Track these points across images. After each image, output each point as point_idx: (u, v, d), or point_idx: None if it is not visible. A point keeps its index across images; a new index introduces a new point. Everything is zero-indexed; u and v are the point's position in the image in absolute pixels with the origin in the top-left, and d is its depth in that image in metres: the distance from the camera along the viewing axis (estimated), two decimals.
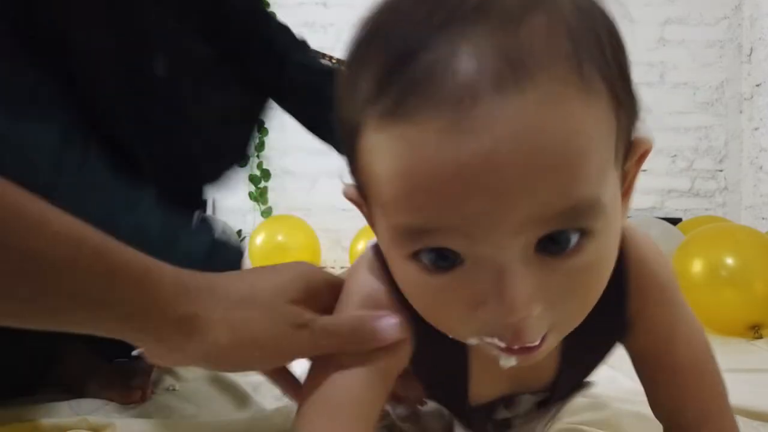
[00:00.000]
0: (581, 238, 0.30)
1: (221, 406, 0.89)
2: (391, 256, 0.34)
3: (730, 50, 2.48)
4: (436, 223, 0.29)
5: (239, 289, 0.39)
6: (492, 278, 0.29)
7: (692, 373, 0.46)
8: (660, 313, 0.44)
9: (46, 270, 0.33)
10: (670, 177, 2.51)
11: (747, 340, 1.28)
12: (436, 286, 0.31)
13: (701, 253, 1.37)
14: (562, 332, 0.34)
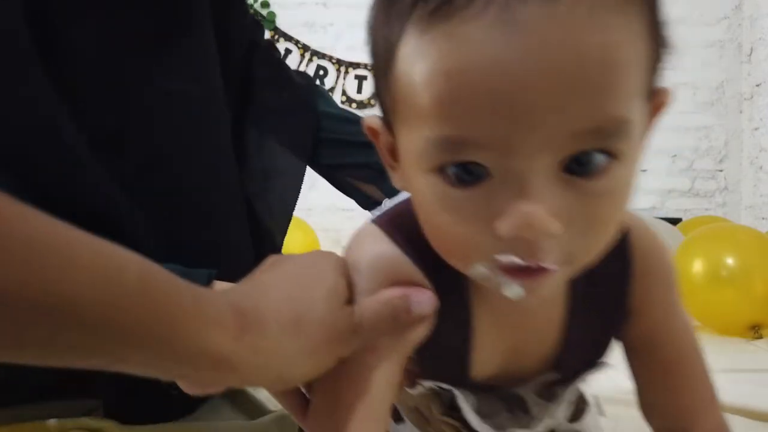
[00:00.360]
0: (608, 160, 0.30)
1: (221, 405, 0.89)
2: (414, 174, 0.33)
3: (730, 50, 2.48)
4: (472, 131, 0.29)
5: (294, 306, 0.35)
6: (515, 193, 0.29)
7: (685, 366, 0.46)
8: (660, 302, 0.45)
9: (75, 313, 0.28)
10: (671, 177, 2.51)
11: (747, 340, 1.28)
12: (457, 200, 0.31)
13: (702, 254, 1.37)
14: (573, 265, 0.34)
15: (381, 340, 0.37)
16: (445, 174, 0.31)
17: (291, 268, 0.38)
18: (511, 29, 0.27)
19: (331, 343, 0.36)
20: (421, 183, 0.33)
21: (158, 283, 0.31)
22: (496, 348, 0.42)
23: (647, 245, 0.43)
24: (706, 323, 1.39)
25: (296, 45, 2.54)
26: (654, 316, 0.44)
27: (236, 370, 0.33)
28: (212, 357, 0.32)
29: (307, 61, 2.54)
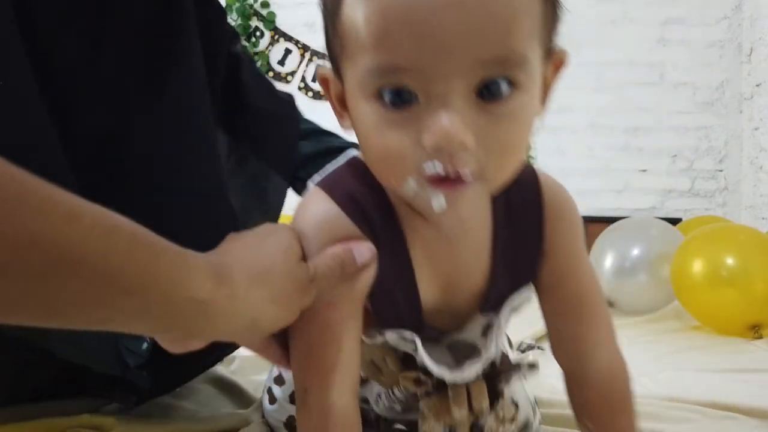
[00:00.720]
0: (511, 89, 0.38)
1: (221, 405, 0.89)
2: (357, 104, 0.41)
3: (730, 50, 2.48)
4: (400, 59, 0.37)
5: (258, 262, 0.42)
6: (437, 111, 0.37)
7: (588, 304, 0.53)
8: (569, 246, 0.52)
9: (80, 263, 0.32)
10: (670, 177, 2.52)
11: (747, 340, 1.28)
12: (392, 121, 0.39)
13: (702, 254, 1.37)
14: (487, 182, 0.41)
15: (336, 294, 0.44)
16: (381, 100, 0.39)
17: (251, 237, 0.45)
18: None
19: (293, 292, 0.42)
20: (364, 110, 0.41)
21: (148, 239, 0.36)
22: (436, 282, 0.49)
23: (557, 196, 0.52)
24: (706, 323, 1.39)
25: (296, 45, 2.54)
26: (564, 258, 0.52)
27: (214, 318, 0.38)
28: (195, 304, 0.37)
29: (307, 60, 2.54)
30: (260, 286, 0.41)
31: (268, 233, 0.45)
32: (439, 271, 0.49)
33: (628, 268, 1.54)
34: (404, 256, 0.48)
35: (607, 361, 0.54)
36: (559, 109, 2.51)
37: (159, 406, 0.88)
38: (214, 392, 0.94)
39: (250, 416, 0.78)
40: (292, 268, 0.43)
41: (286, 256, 0.43)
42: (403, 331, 0.49)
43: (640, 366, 1.10)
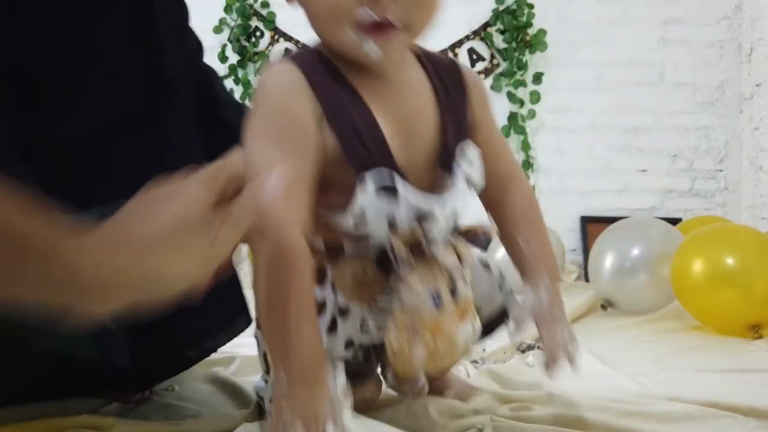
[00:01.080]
0: None
1: (220, 405, 0.89)
2: None
3: (730, 50, 2.48)
4: None
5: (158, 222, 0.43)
6: None
7: (505, 154, 0.73)
8: (487, 119, 0.69)
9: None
10: (670, 177, 2.51)
11: (747, 340, 1.28)
12: None
13: (702, 253, 1.37)
14: (412, 32, 0.54)
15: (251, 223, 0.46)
16: None
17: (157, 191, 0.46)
18: None
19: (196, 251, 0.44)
20: None
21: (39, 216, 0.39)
22: (395, 126, 0.58)
23: (474, 78, 0.68)
24: (706, 323, 1.39)
25: (296, 45, 2.54)
26: (486, 127, 0.69)
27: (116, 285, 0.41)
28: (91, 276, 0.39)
29: None
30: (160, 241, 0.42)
31: (175, 185, 0.46)
32: (395, 115, 0.59)
33: (628, 268, 1.54)
34: (361, 103, 0.57)
35: (522, 191, 0.73)
36: (559, 109, 2.52)
37: (159, 406, 0.89)
38: (214, 392, 0.95)
39: (249, 417, 0.78)
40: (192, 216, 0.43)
41: (187, 207, 0.44)
42: (382, 170, 0.56)
43: (640, 366, 1.10)
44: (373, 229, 0.57)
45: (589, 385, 0.95)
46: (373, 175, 0.56)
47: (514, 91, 2.47)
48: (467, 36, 2.53)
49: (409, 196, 0.57)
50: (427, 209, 0.58)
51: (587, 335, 1.36)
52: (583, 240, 2.47)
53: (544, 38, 2.44)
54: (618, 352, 1.21)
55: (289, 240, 0.52)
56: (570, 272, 2.39)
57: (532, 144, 2.49)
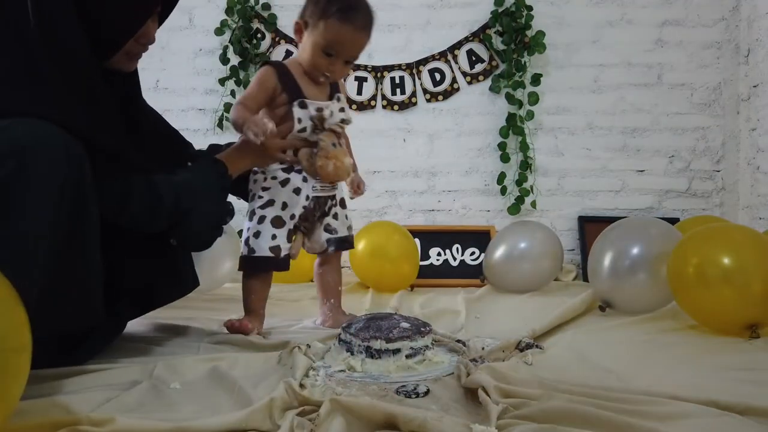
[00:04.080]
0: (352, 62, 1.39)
1: (221, 403, 0.90)
2: (311, 43, 1.32)
3: (727, 51, 2.49)
4: (333, 48, 1.31)
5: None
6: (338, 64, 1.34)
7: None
8: (345, 91, 1.50)
9: None
10: (668, 177, 2.52)
11: (744, 340, 1.28)
12: (324, 57, 1.32)
13: (699, 253, 1.37)
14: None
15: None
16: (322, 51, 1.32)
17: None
18: (353, 24, 1.30)
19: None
20: (315, 49, 1.32)
21: None
22: (309, 90, 1.37)
23: (341, 81, 1.47)
24: (703, 323, 1.40)
25: (297, 47, 2.55)
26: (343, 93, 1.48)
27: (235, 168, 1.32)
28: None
29: None
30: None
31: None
32: (313, 88, 1.37)
33: (628, 267, 1.54)
34: (298, 88, 1.35)
35: (347, 138, 1.47)
36: (557, 110, 2.53)
37: (160, 404, 0.89)
38: (214, 392, 0.95)
39: (251, 416, 0.79)
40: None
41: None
42: (301, 100, 1.33)
43: (637, 365, 1.11)
44: (302, 120, 1.33)
45: (587, 383, 0.96)
46: (297, 101, 1.33)
47: (512, 92, 2.48)
48: (466, 37, 2.54)
49: (312, 104, 1.34)
50: (322, 106, 1.35)
51: (585, 334, 1.37)
52: (581, 240, 2.48)
53: (542, 40, 2.45)
54: (615, 351, 1.22)
55: (244, 103, 1.33)
56: (568, 272, 2.40)
57: (530, 145, 2.50)
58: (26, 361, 0.66)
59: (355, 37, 1.30)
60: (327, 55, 1.30)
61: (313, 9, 1.30)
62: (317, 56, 1.31)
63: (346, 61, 1.33)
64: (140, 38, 1.11)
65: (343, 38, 1.29)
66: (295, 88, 1.34)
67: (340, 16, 1.27)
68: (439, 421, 0.75)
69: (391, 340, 1.08)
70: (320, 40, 1.29)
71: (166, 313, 1.53)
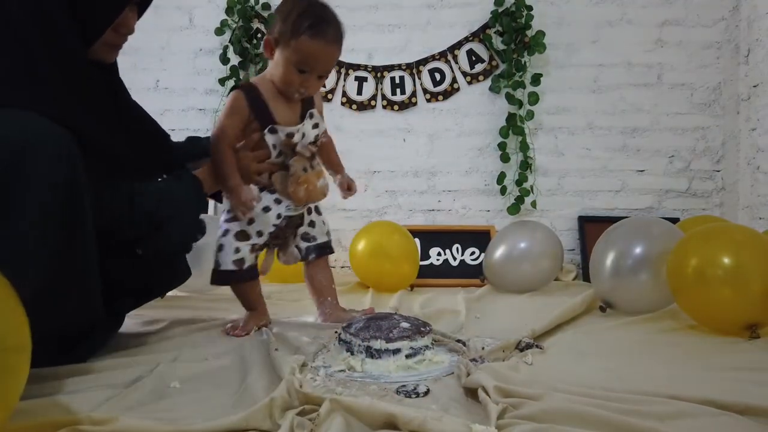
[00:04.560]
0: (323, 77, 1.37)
1: (221, 403, 0.90)
2: (283, 60, 1.30)
3: (727, 51, 2.49)
4: (306, 64, 1.29)
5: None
6: (311, 78, 1.33)
7: (329, 144, 1.50)
8: (321, 108, 1.44)
9: None
10: (668, 177, 2.52)
11: (744, 340, 1.29)
12: (297, 73, 1.30)
13: (698, 253, 1.37)
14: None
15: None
16: (294, 69, 1.30)
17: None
18: (326, 39, 1.30)
19: None
20: (288, 66, 1.30)
21: None
22: (281, 114, 1.35)
23: (317, 95, 1.44)
24: (702, 323, 1.40)
25: None
26: (321, 113, 1.44)
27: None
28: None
29: None
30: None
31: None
32: (285, 109, 1.35)
33: (630, 267, 1.54)
34: (268, 113, 1.33)
35: (330, 141, 1.49)
36: (557, 110, 2.53)
37: (160, 403, 0.89)
38: (214, 391, 0.95)
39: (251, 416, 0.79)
40: None
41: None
42: (271, 126, 1.32)
43: (637, 365, 1.11)
44: (276, 145, 1.34)
45: (587, 382, 0.96)
46: (268, 128, 1.32)
47: (512, 92, 2.48)
48: (466, 37, 2.54)
49: (282, 130, 1.33)
50: (292, 131, 1.34)
51: (585, 334, 1.37)
52: (581, 240, 2.48)
53: (542, 40, 2.45)
54: (615, 351, 1.22)
55: (223, 138, 1.32)
56: (568, 272, 2.40)
57: (530, 145, 2.50)
58: (26, 361, 0.66)
59: (327, 51, 1.29)
60: (300, 71, 1.29)
61: (284, 26, 1.28)
62: (290, 73, 1.29)
63: (320, 76, 1.32)
64: (120, 28, 1.12)
65: (316, 54, 1.27)
66: (265, 112, 1.32)
67: (312, 32, 1.26)
68: (439, 421, 0.76)
69: (391, 340, 1.08)
70: (293, 57, 1.28)
71: (167, 312, 1.53)
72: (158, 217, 1.14)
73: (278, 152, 1.34)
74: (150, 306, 1.37)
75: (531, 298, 1.91)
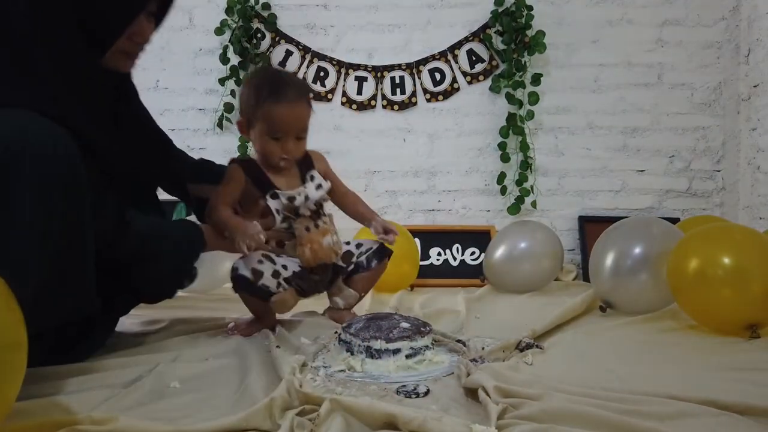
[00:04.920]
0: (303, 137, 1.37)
1: (221, 403, 0.90)
2: (259, 133, 1.34)
3: (727, 51, 2.49)
4: (278, 130, 1.32)
5: None
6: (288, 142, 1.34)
7: (342, 187, 1.49)
8: (327, 166, 1.46)
9: None
10: (668, 177, 2.52)
11: (744, 340, 1.28)
12: (272, 142, 1.34)
13: (699, 253, 1.37)
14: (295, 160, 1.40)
15: None
16: (268, 138, 1.33)
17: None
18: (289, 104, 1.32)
19: None
20: (263, 137, 1.34)
21: None
22: (281, 180, 1.37)
23: (316, 153, 1.46)
24: (703, 323, 1.40)
25: (297, 47, 2.55)
26: (328, 172, 1.45)
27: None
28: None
29: (308, 62, 2.55)
30: None
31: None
32: (284, 179, 1.37)
33: (630, 267, 1.54)
34: (268, 180, 1.35)
35: (351, 194, 1.50)
36: (557, 110, 2.53)
37: (160, 403, 0.89)
38: (214, 391, 0.95)
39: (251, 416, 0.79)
40: None
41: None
42: (272, 191, 1.34)
43: (637, 365, 1.11)
44: (280, 210, 1.34)
45: (587, 382, 0.96)
46: (269, 192, 1.34)
47: (512, 92, 2.48)
48: (466, 37, 2.54)
49: (283, 194, 1.35)
50: (293, 195, 1.35)
51: (585, 334, 1.37)
52: (581, 240, 2.48)
53: (542, 40, 2.45)
54: (615, 351, 1.22)
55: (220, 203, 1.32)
56: (568, 272, 2.40)
57: (530, 144, 2.50)
58: (22, 359, 0.66)
59: (293, 111, 1.31)
60: (275, 138, 1.32)
61: (247, 103, 1.33)
62: (266, 143, 1.32)
63: (297, 137, 1.34)
64: (134, 36, 1.11)
65: (283, 116, 1.30)
66: (263, 179, 1.34)
67: (273, 99, 1.30)
68: (439, 422, 0.75)
69: (391, 340, 1.08)
70: (264, 127, 1.31)
71: (167, 312, 1.53)
72: (142, 251, 1.12)
73: (282, 218, 1.34)
74: (150, 306, 1.37)
75: (531, 298, 1.91)
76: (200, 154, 2.28)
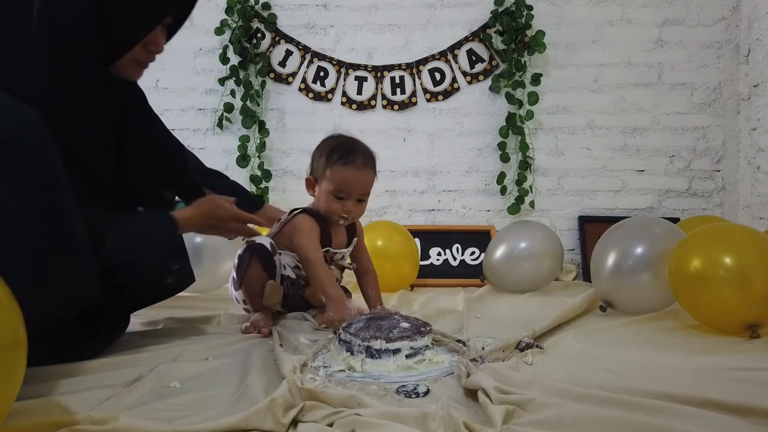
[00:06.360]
0: (365, 197, 1.52)
1: (221, 403, 0.90)
2: (324, 190, 1.48)
3: (727, 51, 2.49)
4: (342, 191, 1.46)
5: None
6: (349, 203, 1.48)
7: (365, 255, 1.63)
8: (362, 239, 1.62)
9: None
10: (668, 177, 2.52)
11: (744, 339, 1.28)
12: (336, 201, 1.47)
13: (699, 252, 1.37)
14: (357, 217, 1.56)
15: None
16: (334, 197, 1.47)
17: None
18: (358, 170, 1.47)
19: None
20: (328, 195, 1.47)
21: None
22: (336, 238, 1.54)
23: (358, 223, 1.60)
24: (703, 322, 1.40)
25: (297, 46, 2.55)
26: (361, 244, 1.61)
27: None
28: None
29: (308, 62, 2.55)
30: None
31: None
32: (338, 237, 1.53)
33: (631, 267, 1.54)
34: (327, 231, 1.50)
35: (371, 272, 1.61)
36: (557, 110, 2.53)
37: (160, 402, 0.89)
38: (214, 391, 0.95)
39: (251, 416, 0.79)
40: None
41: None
42: (329, 249, 1.50)
43: (637, 365, 1.11)
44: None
45: (587, 382, 0.96)
46: (325, 249, 1.49)
47: (512, 92, 2.48)
48: (466, 37, 2.54)
49: (334, 251, 1.51)
50: (341, 254, 1.54)
51: (585, 334, 1.37)
52: (581, 240, 2.48)
53: (542, 39, 2.45)
54: (615, 351, 1.22)
55: (317, 258, 1.43)
56: (568, 272, 2.40)
57: (530, 144, 2.50)
58: (21, 359, 0.66)
59: (359, 175, 1.45)
60: (338, 198, 1.45)
61: (319, 163, 1.47)
62: (330, 201, 1.46)
63: (359, 200, 1.47)
64: (149, 45, 1.11)
65: (349, 179, 1.44)
66: (326, 234, 1.49)
67: (343, 162, 1.44)
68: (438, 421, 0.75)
69: (391, 340, 1.08)
70: (330, 187, 1.45)
71: (167, 312, 1.53)
72: (119, 265, 1.08)
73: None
74: (150, 306, 1.37)
75: (531, 298, 1.91)
76: (200, 153, 2.28)
